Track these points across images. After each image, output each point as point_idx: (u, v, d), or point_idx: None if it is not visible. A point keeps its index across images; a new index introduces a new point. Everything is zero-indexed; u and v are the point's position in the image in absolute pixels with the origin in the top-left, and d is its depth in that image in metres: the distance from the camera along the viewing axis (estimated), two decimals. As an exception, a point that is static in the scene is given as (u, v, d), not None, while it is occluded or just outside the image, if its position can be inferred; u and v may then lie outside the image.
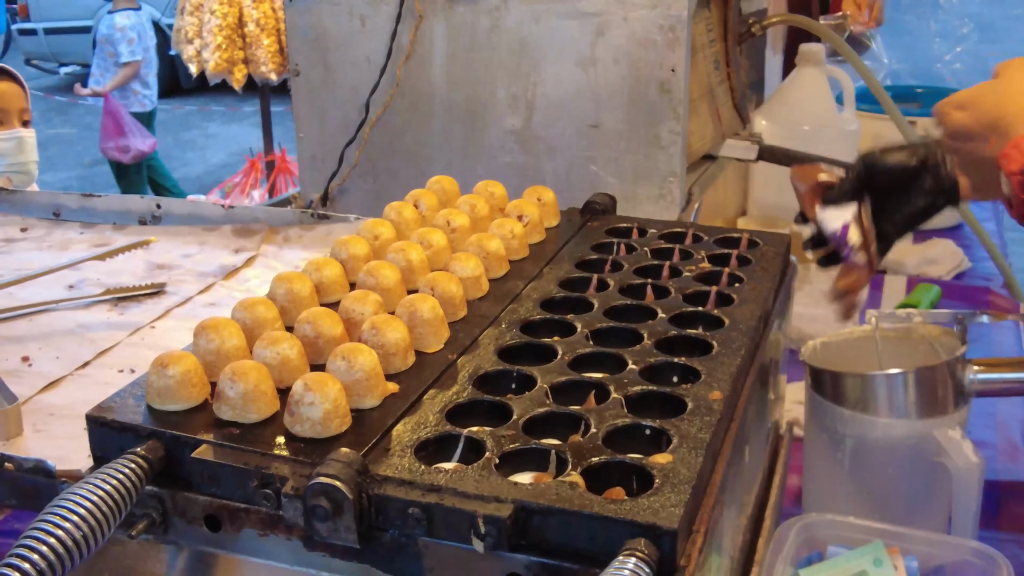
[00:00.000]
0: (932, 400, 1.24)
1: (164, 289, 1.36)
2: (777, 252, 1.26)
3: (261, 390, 0.86)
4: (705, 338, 1.02)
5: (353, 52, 1.91)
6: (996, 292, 2.22)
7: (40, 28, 11.03)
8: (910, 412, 1.23)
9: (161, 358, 0.89)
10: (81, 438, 0.89)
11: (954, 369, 1.25)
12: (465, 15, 1.80)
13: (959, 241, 2.46)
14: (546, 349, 1.00)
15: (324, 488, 0.75)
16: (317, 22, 1.92)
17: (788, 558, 1.10)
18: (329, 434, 0.83)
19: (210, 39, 4.85)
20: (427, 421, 0.86)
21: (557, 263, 1.21)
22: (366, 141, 1.94)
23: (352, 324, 0.99)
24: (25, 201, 1.68)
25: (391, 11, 1.84)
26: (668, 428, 0.84)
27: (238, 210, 1.61)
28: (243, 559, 0.84)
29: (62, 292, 1.35)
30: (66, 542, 0.74)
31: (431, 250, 1.16)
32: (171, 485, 0.84)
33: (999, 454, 1.58)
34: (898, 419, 1.22)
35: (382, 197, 1.55)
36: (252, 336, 0.96)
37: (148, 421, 0.86)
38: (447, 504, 0.75)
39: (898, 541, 1.15)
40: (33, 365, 1.15)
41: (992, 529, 1.40)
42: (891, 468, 1.26)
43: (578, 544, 0.74)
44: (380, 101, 1.90)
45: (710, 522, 0.78)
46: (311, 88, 1.97)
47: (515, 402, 0.89)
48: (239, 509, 0.82)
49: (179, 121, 9.34)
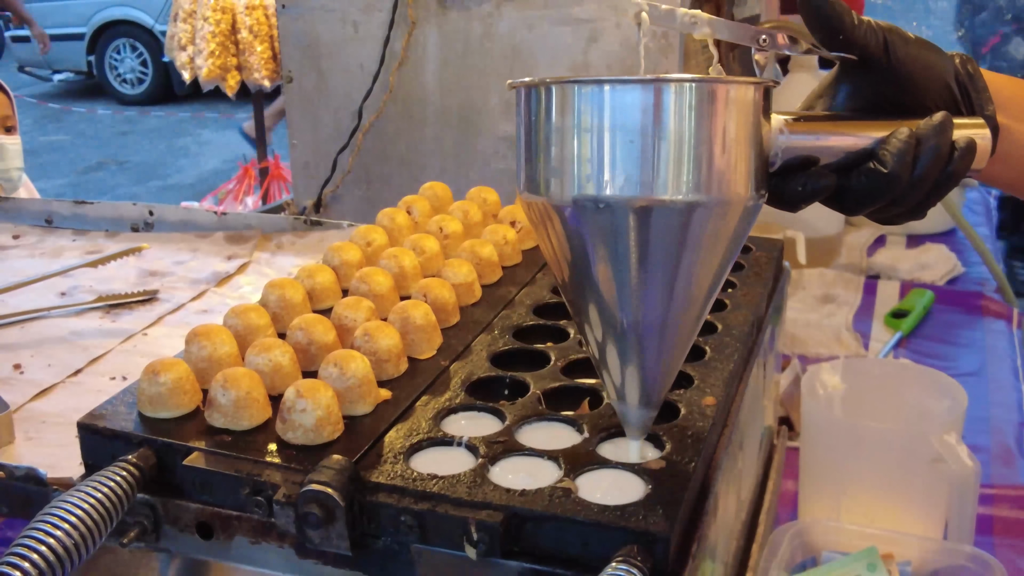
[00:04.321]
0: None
1: (156, 296, 1.36)
2: (770, 257, 1.26)
3: (253, 397, 0.85)
4: (698, 343, 1.02)
5: (346, 59, 1.91)
6: (989, 296, 2.22)
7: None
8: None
9: (152, 365, 0.88)
10: (73, 446, 0.89)
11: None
12: (458, 21, 1.80)
13: (952, 246, 2.47)
14: (539, 355, 0.99)
15: (316, 495, 0.75)
16: (310, 29, 1.92)
17: (782, 564, 1.10)
18: (321, 441, 0.83)
19: (203, 46, 4.84)
20: (420, 428, 0.86)
21: (550, 269, 1.21)
22: (359, 147, 1.94)
23: (344, 330, 0.99)
24: (17, 208, 1.68)
25: (384, 18, 1.85)
26: (661, 433, 0.84)
27: (231, 217, 1.61)
28: (235, 567, 0.84)
29: (54, 299, 1.35)
30: (57, 550, 0.73)
31: (424, 256, 1.16)
32: (163, 493, 0.83)
33: (993, 459, 1.58)
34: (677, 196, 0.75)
35: (375, 203, 1.55)
36: (244, 343, 0.96)
37: (139, 428, 0.86)
38: (439, 511, 0.75)
39: (892, 546, 1.15)
40: (25, 373, 1.15)
41: (987, 534, 1.41)
42: (885, 473, 1.26)
43: (571, 551, 0.73)
44: (373, 107, 1.90)
45: (703, 528, 0.78)
46: (304, 95, 1.97)
47: (508, 408, 0.89)
48: (231, 516, 0.82)
49: (172, 128, 9.34)
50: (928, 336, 2.05)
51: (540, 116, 0.73)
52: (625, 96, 0.70)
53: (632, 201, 0.71)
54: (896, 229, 2.61)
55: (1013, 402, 1.78)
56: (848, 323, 2.08)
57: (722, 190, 0.72)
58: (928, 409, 1.34)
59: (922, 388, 1.36)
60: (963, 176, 0.82)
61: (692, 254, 0.73)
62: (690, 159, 0.71)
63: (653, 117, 0.70)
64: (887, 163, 0.78)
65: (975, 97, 0.85)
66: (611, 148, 0.71)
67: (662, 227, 0.72)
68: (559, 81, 0.73)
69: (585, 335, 0.81)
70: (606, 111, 0.71)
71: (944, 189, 0.82)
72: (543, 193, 0.74)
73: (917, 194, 0.80)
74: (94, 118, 9.92)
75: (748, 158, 0.74)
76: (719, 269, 0.76)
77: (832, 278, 2.30)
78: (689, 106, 0.70)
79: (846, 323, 2.08)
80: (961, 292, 2.25)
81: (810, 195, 0.79)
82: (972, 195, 2.93)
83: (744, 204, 0.74)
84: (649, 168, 0.70)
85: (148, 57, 10.61)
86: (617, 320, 0.76)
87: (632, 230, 0.72)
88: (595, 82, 0.71)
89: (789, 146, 0.78)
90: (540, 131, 0.74)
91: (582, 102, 0.71)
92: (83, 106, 10.22)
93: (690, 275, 0.74)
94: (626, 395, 0.80)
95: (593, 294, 0.76)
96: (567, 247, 0.75)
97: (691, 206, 0.71)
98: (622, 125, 0.70)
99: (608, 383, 0.81)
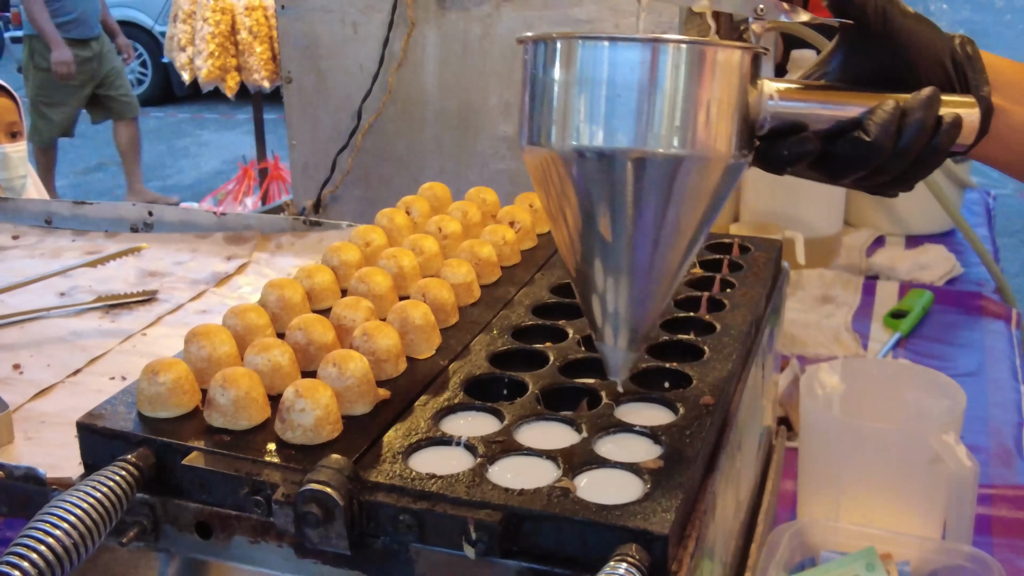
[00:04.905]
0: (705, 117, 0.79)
1: (156, 296, 1.36)
2: (769, 258, 1.26)
3: (252, 397, 0.86)
4: (697, 343, 1.02)
5: (345, 59, 1.92)
6: (988, 297, 2.22)
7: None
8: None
9: (152, 365, 0.88)
10: (72, 445, 0.89)
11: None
12: (457, 22, 1.81)
13: (951, 247, 2.47)
14: (538, 355, 1.00)
15: (315, 495, 0.75)
16: (309, 29, 1.93)
17: (781, 564, 1.10)
18: (320, 441, 0.83)
19: (203, 47, 4.84)
20: (418, 427, 0.86)
21: (549, 269, 1.21)
22: (358, 148, 1.94)
23: (343, 330, 0.99)
24: (17, 208, 1.68)
25: (383, 18, 1.85)
26: (659, 433, 0.84)
27: (230, 217, 1.61)
28: (234, 566, 0.84)
29: (53, 299, 1.35)
30: (56, 549, 0.73)
31: (423, 256, 1.16)
32: (162, 492, 0.84)
33: (992, 459, 1.59)
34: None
35: (374, 204, 1.56)
36: (243, 343, 0.96)
37: (139, 428, 0.86)
38: (438, 511, 0.75)
39: (891, 546, 1.15)
40: (24, 373, 1.15)
41: (985, 534, 1.41)
42: (884, 473, 1.26)
43: (569, 550, 0.73)
44: (372, 108, 1.90)
45: (702, 527, 0.78)
46: (304, 95, 1.97)
47: (506, 408, 0.89)
48: (230, 516, 0.82)
49: (172, 129, 9.34)
50: (927, 336, 2.05)
51: (545, 69, 0.78)
52: (619, 53, 0.75)
53: (623, 152, 0.76)
54: (895, 230, 2.61)
55: (1012, 402, 1.78)
56: (847, 323, 2.08)
57: (705, 147, 0.77)
58: (927, 409, 1.34)
59: (921, 388, 1.36)
60: (948, 151, 0.85)
61: (676, 205, 0.78)
62: (676, 116, 0.76)
63: (644, 74, 0.75)
64: (871, 132, 0.81)
65: (972, 77, 0.87)
66: (608, 102, 0.76)
67: (649, 178, 0.77)
68: (565, 36, 0.78)
69: (576, 281, 0.85)
70: (604, 66, 0.76)
71: (930, 162, 0.84)
72: (544, 143, 0.79)
73: (901, 164, 0.83)
74: (94, 119, 9.90)
75: (732, 119, 0.78)
76: (701, 221, 0.81)
77: (831, 278, 2.30)
78: (676, 65, 0.75)
79: (845, 323, 2.08)
80: (960, 292, 2.25)
81: (794, 159, 0.82)
82: (971, 196, 2.93)
83: (726, 162, 0.78)
84: (639, 121, 0.75)
85: (148, 58, 10.61)
86: (607, 264, 0.81)
87: (622, 179, 0.77)
88: (596, 38, 0.76)
89: (777, 112, 0.82)
90: (545, 83, 0.78)
91: (584, 57, 0.76)
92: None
93: (674, 224, 0.79)
94: (611, 337, 0.85)
95: (586, 238, 0.81)
96: (564, 195, 0.80)
97: (675, 159, 0.76)
98: (615, 80, 0.75)
99: (595, 326, 0.86)
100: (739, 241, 1.29)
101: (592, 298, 0.84)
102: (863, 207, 2.63)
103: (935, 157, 0.84)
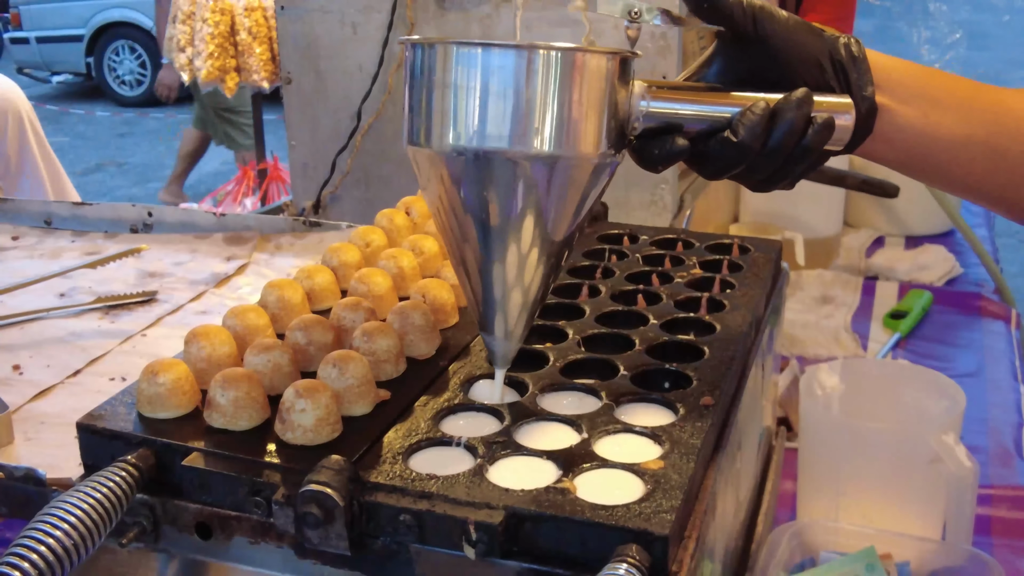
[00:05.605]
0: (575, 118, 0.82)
1: (155, 297, 1.36)
2: (768, 258, 1.26)
3: (252, 397, 0.86)
4: (696, 344, 1.02)
5: (345, 60, 1.92)
6: (987, 297, 2.22)
7: (32, 37, 11.04)
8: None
9: (151, 366, 0.88)
10: (72, 446, 0.89)
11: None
12: (457, 23, 1.80)
13: (950, 247, 2.47)
14: (537, 355, 1.00)
15: (315, 495, 0.75)
16: (309, 30, 1.93)
17: (781, 564, 1.10)
18: (320, 441, 0.83)
19: (202, 47, 4.84)
20: (418, 428, 0.86)
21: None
22: (358, 148, 1.94)
23: (343, 331, 0.99)
24: (16, 209, 1.68)
25: (383, 19, 1.85)
26: (659, 433, 0.84)
27: (230, 218, 1.61)
28: (234, 567, 0.84)
29: (53, 300, 1.35)
30: (56, 550, 0.73)
31: (422, 257, 1.16)
32: (162, 493, 0.84)
33: (991, 460, 1.59)
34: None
35: (374, 204, 1.55)
36: (243, 343, 0.96)
37: (139, 429, 0.86)
38: (438, 511, 0.75)
39: (891, 546, 1.15)
40: (24, 373, 1.15)
41: (985, 535, 1.41)
42: (884, 473, 1.26)
43: (570, 550, 0.73)
44: (372, 109, 1.90)
45: (702, 528, 0.78)
46: (303, 96, 1.97)
47: (506, 408, 0.89)
48: (230, 517, 0.82)
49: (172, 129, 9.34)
50: (926, 337, 2.05)
51: (424, 71, 0.81)
52: (492, 58, 0.78)
53: (495, 152, 0.79)
54: (895, 230, 2.61)
55: (1011, 403, 1.79)
56: (846, 324, 2.08)
57: (573, 147, 0.80)
58: (926, 410, 1.34)
59: (920, 389, 1.36)
60: (819, 150, 0.86)
61: (547, 201, 0.82)
62: (546, 118, 0.79)
63: (514, 78, 0.78)
64: (739, 133, 0.83)
65: (856, 78, 0.88)
66: (481, 104, 0.79)
67: (520, 176, 0.80)
68: (442, 41, 0.81)
69: (459, 275, 0.89)
70: (478, 70, 0.79)
71: (803, 161, 0.86)
72: (423, 143, 0.82)
73: (772, 163, 0.86)
74: (93, 120, 9.91)
75: (600, 120, 0.81)
76: (573, 216, 0.85)
77: (830, 279, 2.30)
78: (545, 70, 0.78)
79: (844, 324, 2.08)
80: (959, 293, 2.25)
81: (665, 158, 0.85)
82: (970, 196, 2.93)
83: (592, 161, 0.82)
84: (511, 123, 0.79)
85: (147, 59, 10.61)
86: (483, 257, 0.85)
87: (494, 178, 0.80)
88: (470, 44, 0.80)
89: (649, 112, 0.85)
90: (424, 85, 0.81)
91: (460, 60, 0.79)
92: (82, 108, 10.22)
93: (546, 220, 0.83)
94: (491, 327, 0.89)
95: (464, 231, 0.85)
96: (444, 191, 0.84)
97: (545, 159, 0.79)
98: (488, 84, 0.78)
99: (477, 317, 0.89)
100: (739, 242, 1.30)
101: (474, 293, 0.88)
102: (863, 208, 2.63)
103: (806, 156, 0.85)
